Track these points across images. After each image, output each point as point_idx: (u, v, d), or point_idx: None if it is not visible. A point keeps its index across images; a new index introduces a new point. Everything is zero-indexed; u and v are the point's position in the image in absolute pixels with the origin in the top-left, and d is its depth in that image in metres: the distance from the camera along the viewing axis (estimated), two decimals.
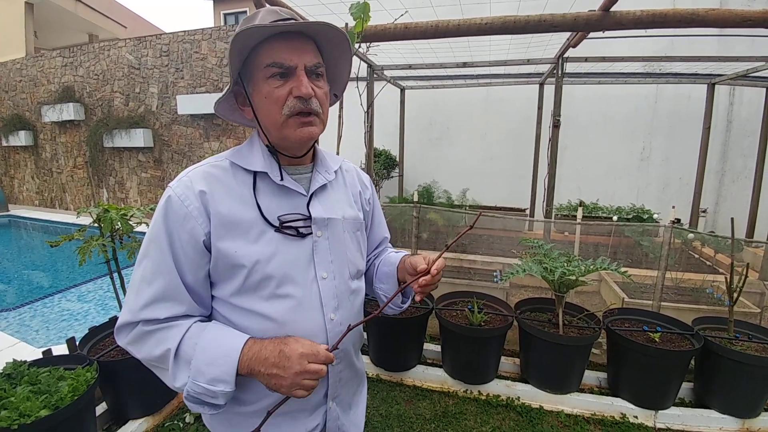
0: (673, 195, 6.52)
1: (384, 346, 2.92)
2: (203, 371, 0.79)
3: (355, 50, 1.30)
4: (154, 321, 0.83)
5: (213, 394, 0.79)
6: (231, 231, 0.86)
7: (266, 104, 0.86)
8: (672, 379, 2.46)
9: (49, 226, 8.68)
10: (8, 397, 1.77)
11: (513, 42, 4.18)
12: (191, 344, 0.81)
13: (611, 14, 2.62)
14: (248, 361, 0.81)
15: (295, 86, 0.84)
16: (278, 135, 0.89)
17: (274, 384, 0.80)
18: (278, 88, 0.84)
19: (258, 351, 0.82)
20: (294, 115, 0.86)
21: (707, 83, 5.35)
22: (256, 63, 0.85)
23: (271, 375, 0.80)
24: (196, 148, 8.10)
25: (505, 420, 2.51)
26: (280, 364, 0.80)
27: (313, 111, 0.87)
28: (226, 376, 0.79)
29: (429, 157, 7.81)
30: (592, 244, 4.93)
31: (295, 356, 0.80)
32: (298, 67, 0.84)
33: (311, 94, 0.85)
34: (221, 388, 0.79)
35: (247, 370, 0.81)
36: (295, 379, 0.79)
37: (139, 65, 8.30)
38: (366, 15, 2.07)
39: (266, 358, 0.81)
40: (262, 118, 0.89)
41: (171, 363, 0.81)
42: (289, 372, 0.79)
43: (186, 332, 0.83)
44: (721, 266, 4.38)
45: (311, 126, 0.88)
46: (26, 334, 3.83)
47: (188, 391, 0.80)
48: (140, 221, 2.44)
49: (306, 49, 0.86)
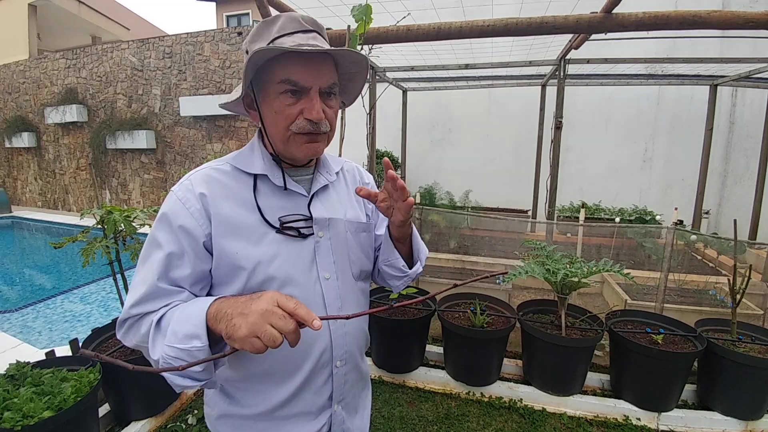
0: (675, 196, 6.50)
1: (386, 347, 2.92)
2: (176, 331, 0.73)
3: (357, 52, 1.30)
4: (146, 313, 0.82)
5: (188, 353, 0.71)
6: (232, 233, 0.86)
7: (275, 118, 0.85)
8: (675, 381, 2.46)
9: (51, 228, 8.71)
10: (11, 399, 1.78)
11: (515, 44, 4.18)
12: (170, 314, 0.78)
13: (613, 16, 2.62)
14: (218, 304, 0.74)
15: (306, 108, 0.83)
16: (283, 147, 0.89)
17: (234, 325, 0.68)
18: (289, 106, 0.83)
19: (230, 298, 0.77)
20: (300, 133, 0.85)
21: (709, 84, 5.34)
22: (270, 75, 0.83)
23: (235, 314, 0.70)
24: (199, 150, 8.12)
25: (508, 422, 2.51)
26: (248, 302, 0.71)
27: (321, 132, 0.87)
28: (196, 328, 0.72)
29: (431, 158, 7.81)
30: (595, 245, 4.92)
31: (267, 295, 0.71)
32: (312, 89, 0.83)
33: (322, 119, 0.84)
34: (193, 343, 0.71)
35: (214, 314, 0.73)
36: (258, 319, 0.66)
37: (142, 67, 8.34)
38: (368, 17, 2.07)
39: (236, 299, 0.74)
40: (268, 129, 0.89)
41: (151, 334, 0.78)
42: (254, 308, 0.68)
43: (172, 308, 0.81)
44: (724, 268, 4.36)
45: (316, 143, 0.88)
46: (29, 336, 3.85)
47: (163, 356, 0.73)
48: (143, 223, 2.45)
49: (323, 70, 0.84)
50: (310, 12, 3.24)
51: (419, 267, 1.08)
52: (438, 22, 2.90)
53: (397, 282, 1.08)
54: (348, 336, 0.97)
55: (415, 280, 1.11)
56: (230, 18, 16.96)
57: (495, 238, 5.62)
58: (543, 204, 4.67)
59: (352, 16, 2.07)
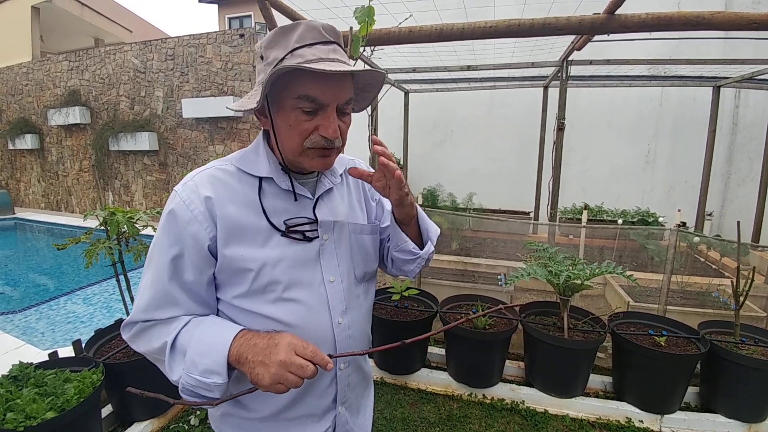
0: (678, 198, 6.48)
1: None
2: (196, 362, 0.77)
3: (359, 54, 1.29)
4: (155, 320, 0.84)
5: (207, 386, 0.77)
6: (237, 236, 0.85)
7: (289, 131, 0.84)
8: (678, 383, 2.45)
9: (54, 229, 8.74)
10: (14, 399, 1.78)
11: (517, 45, 4.18)
12: (187, 336, 0.81)
13: (616, 17, 2.62)
14: (239, 347, 0.78)
15: (323, 125, 0.82)
16: (293, 159, 0.88)
17: (257, 374, 0.75)
18: (305, 121, 0.82)
19: (250, 338, 0.80)
20: (314, 148, 0.85)
21: (712, 86, 5.32)
22: (287, 90, 0.80)
23: (256, 362, 0.76)
24: (201, 152, 8.14)
25: (510, 424, 2.50)
26: (267, 350, 0.76)
27: (335, 147, 0.86)
28: (218, 366, 0.76)
29: (433, 160, 7.81)
30: (597, 247, 4.91)
31: (284, 344, 0.76)
32: (330, 106, 0.81)
33: (338, 137, 0.84)
34: (214, 380, 0.76)
35: (236, 356, 0.78)
36: (279, 370, 0.73)
37: (145, 69, 8.37)
38: (371, 19, 2.06)
39: (256, 344, 0.78)
40: (281, 141, 0.87)
41: (167, 355, 0.81)
42: (273, 359, 0.74)
43: (184, 326, 0.83)
44: (727, 270, 4.34)
45: (329, 158, 0.88)
46: (32, 337, 3.86)
47: (183, 384, 0.78)
48: (146, 224, 2.45)
49: (342, 86, 0.82)
50: (314, 14, 3.25)
51: (430, 247, 1.05)
52: (440, 23, 2.90)
53: (411, 266, 1.05)
54: (351, 339, 0.97)
55: (427, 264, 1.09)
56: (232, 20, 17.02)
57: (497, 240, 5.61)
58: (545, 205, 4.66)
59: (355, 18, 2.06)
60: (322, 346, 0.90)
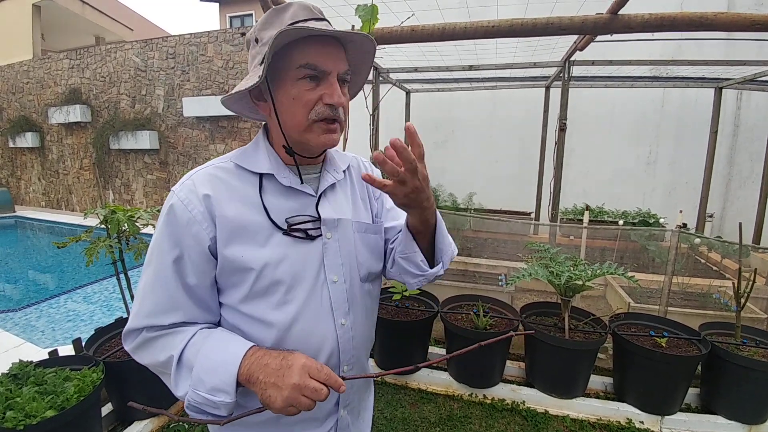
0: (679, 199, 6.47)
1: (389, 348, 2.92)
2: (204, 380, 0.76)
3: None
4: (157, 327, 0.82)
5: (214, 404, 0.75)
6: (238, 235, 0.83)
7: (293, 106, 0.82)
8: (678, 384, 2.44)
9: (55, 227, 8.74)
10: (14, 398, 1.78)
11: (519, 45, 4.18)
12: (194, 351, 0.79)
13: (619, 17, 2.62)
14: (249, 366, 0.77)
15: (327, 93, 0.81)
16: (299, 138, 0.85)
17: (269, 396, 0.74)
18: (309, 91, 0.81)
19: (260, 357, 0.78)
20: (320, 120, 0.83)
21: (714, 87, 5.32)
22: (286, 61, 0.80)
23: (268, 384, 0.74)
24: (202, 150, 8.14)
25: (510, 424, 2.50)
26: (280, 372, 0.75)
27: (339, 119, 0.85)
28: (226, 385, 0.75)
29: (434, 159, 7.79)
30: (599, 248, 4.90)
31: (297, 366, 0.75)
32: (331, 74, 0.82)
33: (342, 104, 0.83)
34: (222, 398, 0.75)
35: (246, 376, 0.76)
36: (292, 393, 0.73)
37: (146, 67, 8.36)
38: (374, 17, 2.05)
39: (267, 364, 0.77)
40: (284, 119, 0.85)
41: (174, 370, 0.79)
42: (287, 382, 0.73)
43: (190, 339, 0.81)
44: (728, 271, 4.34)
45: (334, 134, 0.86)
46: (32, 335, 3.86)
47: (189, 401, 0.77)
48: (147, 223, 2.45)
49: (340, 56, 0.83)
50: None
51: (440, 269, 0.95)
52: (443, 22, 2.90)
53: (412, 279, 0.97)
54: (355, 340, 0.95)
55: (432, 281, 1.01)
56: (233, 19, 17.01)
57: (498, 240, 5.60)
58: (546, 206, 4.66)
59: (358, 16, 2.05)
60: (324, 348, 0.89)
